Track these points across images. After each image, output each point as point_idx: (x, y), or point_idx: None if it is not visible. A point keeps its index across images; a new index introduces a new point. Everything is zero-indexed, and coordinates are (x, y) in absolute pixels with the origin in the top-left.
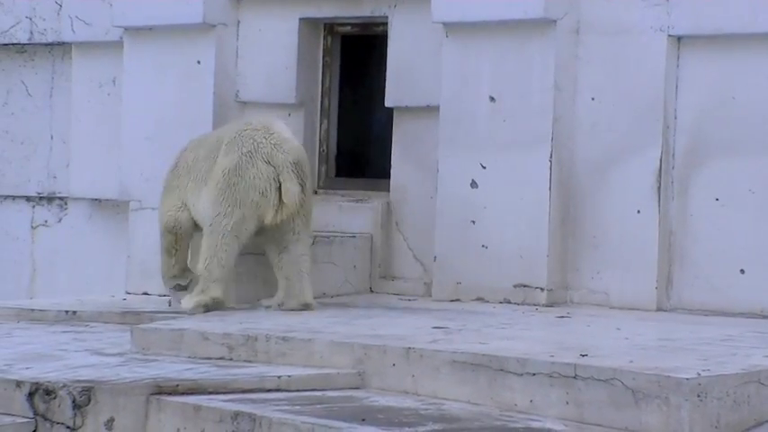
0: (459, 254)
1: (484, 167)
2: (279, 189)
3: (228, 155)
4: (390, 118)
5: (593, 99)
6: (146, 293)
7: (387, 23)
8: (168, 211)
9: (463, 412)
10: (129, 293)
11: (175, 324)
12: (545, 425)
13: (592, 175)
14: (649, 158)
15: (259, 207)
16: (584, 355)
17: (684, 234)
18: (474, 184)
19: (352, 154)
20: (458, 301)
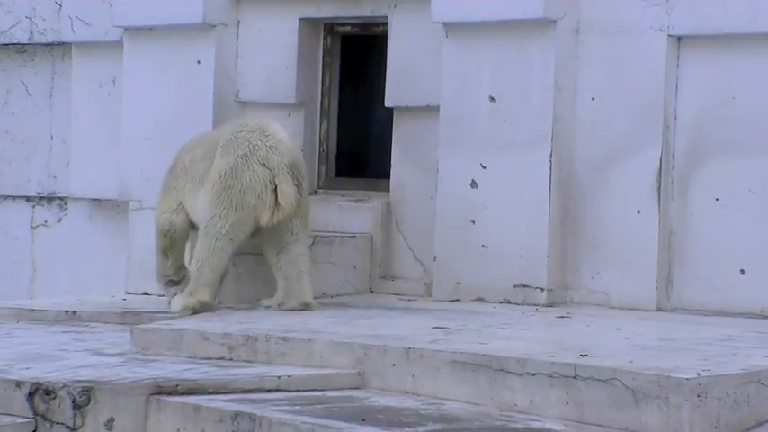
0: (459, 254)
1: (484, 167)
2: (275, 191)
3: (224, 157)
4: (390, 118)
5: (593, 99)
6: (146, 293)
7: (387, 23)
8: (163, 214)
9: (463, 412)
10: (129, 293)
11: (175, 324)
12: (545, 425)
13: (592, 175)
14: (649, 158)
15: (255, 209)
16: (584, 355)
17: (684, 234)
18: (474, 184)
19: (352, 154)
20: (458, 301)
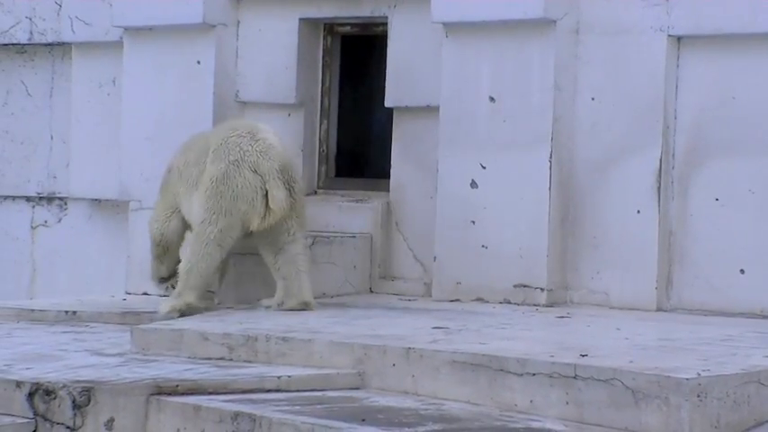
0: (459, 254)
1: (484, 167)
2: (266, 196)
3: (215, 163)
4: (390, 118)
5: (593, 99)
6: (146, 293)
7: (387, 23)
8: (155, 223)
9: (463, 412)
10: (128, 293)
11: (175, 324)
12: (545, 425)
13: (592, 175)
14: (649, 158)
15: (246, 215)
16: (584, 356)
17: (684, 234)
18: (474, 184)
19: (352, 154)
20: (458, 301)
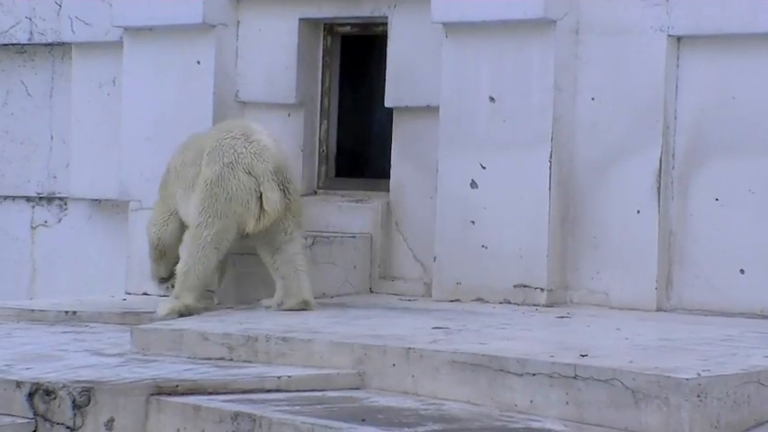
0: (459, 254)
1: (484, 167)
2: (260, 198)
3: (210, 165)
4: (390, 118)
5: (593, 99)
6: (146, 294)
7: (386, 24)
8: (153, 227)
9: (463, 412)
10: (128, 294)
11: (175, 324)
12: (545, 425)
13: (592, 175)
14: (649, 158)
15: (241, 217)
16: (584, 356)
17: (684, 234)
18: (474, 184)
19: (352, 154)
20: (458, 301)
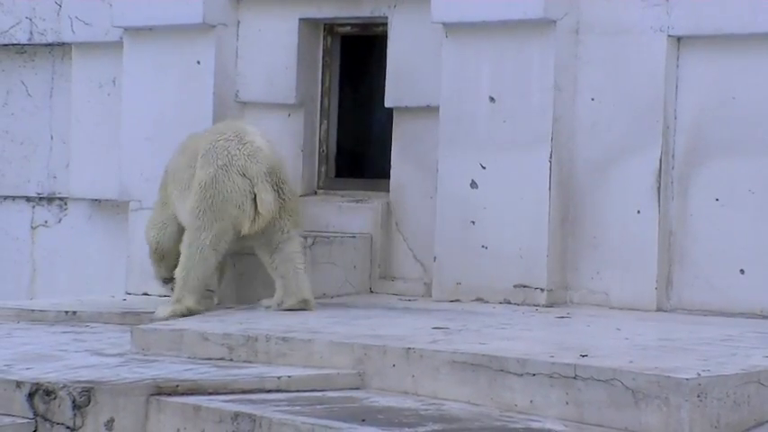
0: (459, 254)
1: (484, 168)
2: (255, 199)
3: (204, 168)
4: (390, 118)
5: (592, 99)
6: (146, 294)
7: (386, 24)
8: (152, 229)
9: (463, 413)
10: (129, 294)
11: (175, 324)
12: (545, 425)
13: (592, 175)
14: (649, 158)
15: (236, 219)
16: (584, 356)
17: (684, 234)
18: (474, 184)
19: (352, 154)
20: (458, 301)
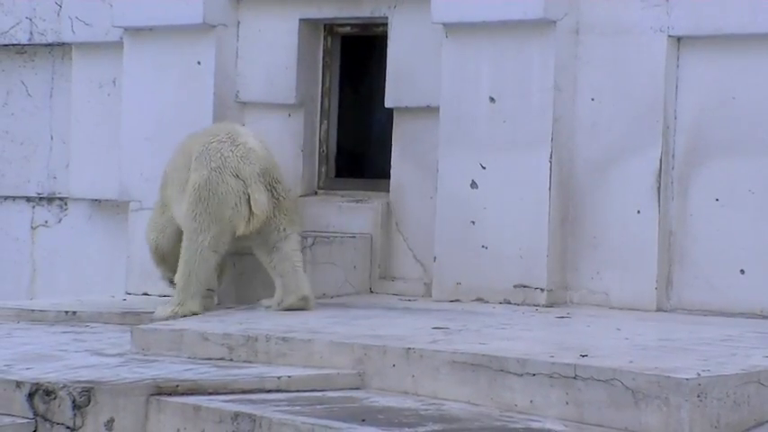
0: (459, 254)
1: (484, 168)
2: (249, 200)
3: (198, 170)
4: (390, 118)
5: (592, 99)
6: (146, 294)
7: (386, 24)
8: (152, 231)
9: (463, 413)
10: (129, 294)
11: (175, 324)
12: (545, 425)
13: (592, 176)
14: (649, 158)
15: (232, 221)
16: (584, 356)
17: (684, 234)
18: (474, 184)
19: (352, 154)
20: (458, 301)
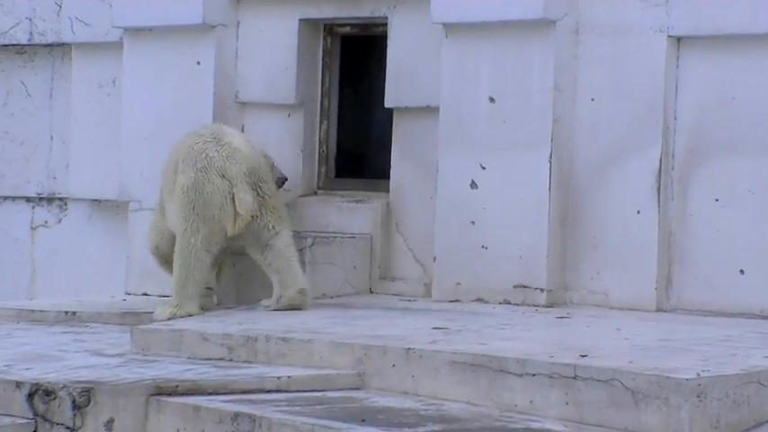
0: (459, 254)
1: (483, 168)
2: (234, 200)
3: (185, 172)
4: (390, 118)
5: (592, 99)
6: (145, 294)
7: (386, 24)
8: (152, 231)
9: (463, 413)
10: (128, 294)
11: (175, 325)
12: (545, 425)
13: (592, 176)
14: (649, 158)
15: (220, 221)
16: (583, 356)
17: (684, 234)
18: (474, 184)
19: (352, 154)
20: (457, 301)
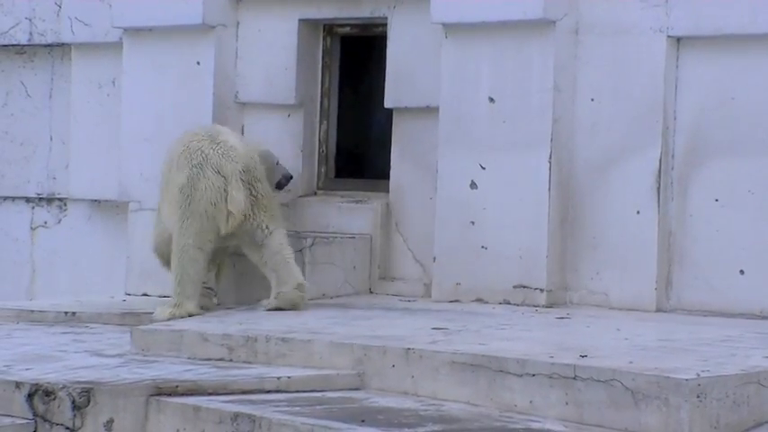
0: (459, 255)
1: (483, 168)
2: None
3: (180, 170)
4: (390, 119)
5: (592, 100)
6: (145, 294)
7: (386, 24)
8: (154, 235)
9: (463, 413)
10: (128, 294)
11: (175, 325)
12: (545, 426)
13: (591, 176)
14: (649, 159)
15: (214, 218)
16: (583, 356)
17: (684, 234)
18: (473, 184)
19: (352, 154)
20: (457, 301)
